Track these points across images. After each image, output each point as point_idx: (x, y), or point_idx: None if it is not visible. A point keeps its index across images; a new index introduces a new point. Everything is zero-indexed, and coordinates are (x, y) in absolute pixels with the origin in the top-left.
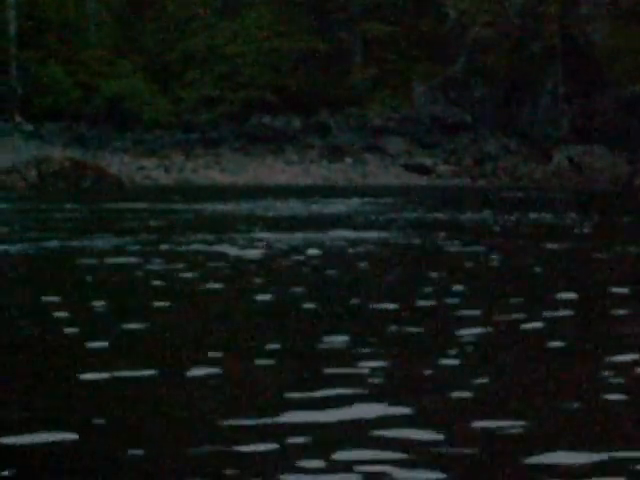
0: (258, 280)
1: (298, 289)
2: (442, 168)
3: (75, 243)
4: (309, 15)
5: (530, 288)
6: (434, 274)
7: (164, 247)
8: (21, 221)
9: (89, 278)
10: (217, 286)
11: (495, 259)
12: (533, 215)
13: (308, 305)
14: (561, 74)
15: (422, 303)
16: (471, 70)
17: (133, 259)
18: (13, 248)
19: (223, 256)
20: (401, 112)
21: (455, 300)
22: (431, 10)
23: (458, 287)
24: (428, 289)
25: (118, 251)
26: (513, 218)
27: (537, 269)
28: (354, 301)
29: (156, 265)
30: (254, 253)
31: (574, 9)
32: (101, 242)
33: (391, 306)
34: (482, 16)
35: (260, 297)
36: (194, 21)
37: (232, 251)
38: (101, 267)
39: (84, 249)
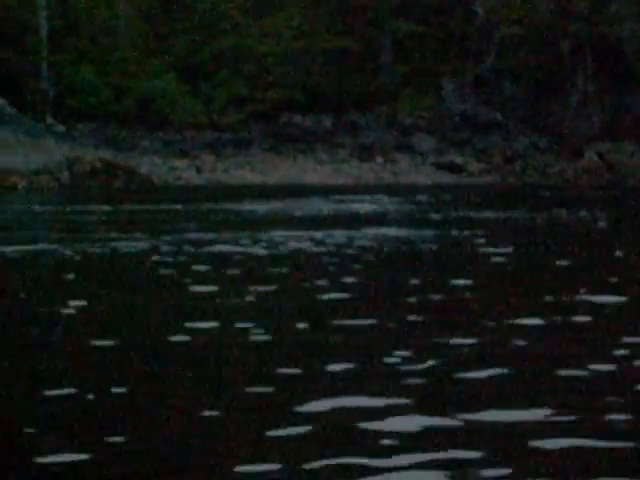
0: (322, 277)
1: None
2: (472, 166)
3: (114, 244)
4: (338, 14)
5: None
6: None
7: (209, 247)
8: (56, 222)
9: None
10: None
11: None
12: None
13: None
14: (591, 71)
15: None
16: (501, 68)
17: (183, 258)
18: (52, 250)
19: (264, 255)
20: (431, 110)
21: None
22: (460, 8)
23: None
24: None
25: (164, 252)
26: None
27: None
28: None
29: (203, 265)
30: (307, 249)
31: (603, 6)
32: (140, 243)
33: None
34: (511, 14)
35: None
36: (224, 21)
37: (278, 249)
38: (152, 267)
39: (123, 250)
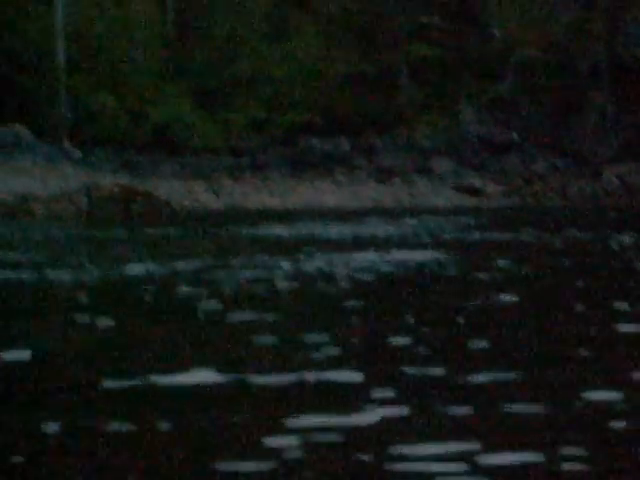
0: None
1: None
2: (491, 188)
3: (135, 268)
4: (355, 38)
5: None
6: None
7: (229, 270)
8: (76, 248)
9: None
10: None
11: None
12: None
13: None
14: (609, 92)
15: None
16: (518, 89)
17: (207, 282)
18: (77, 276)
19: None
20: (449, 133)
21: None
22: (477, 30)
23: None
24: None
25: (187, 277)
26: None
27: None
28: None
29: (228, 287)
30: (333, 272)
31: (621, 27)
32: (162, 268)
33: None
34: (528, 35)
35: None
36: (241, 45)
37: (304, 269)
38: (175, 294)
39: (146, 275)
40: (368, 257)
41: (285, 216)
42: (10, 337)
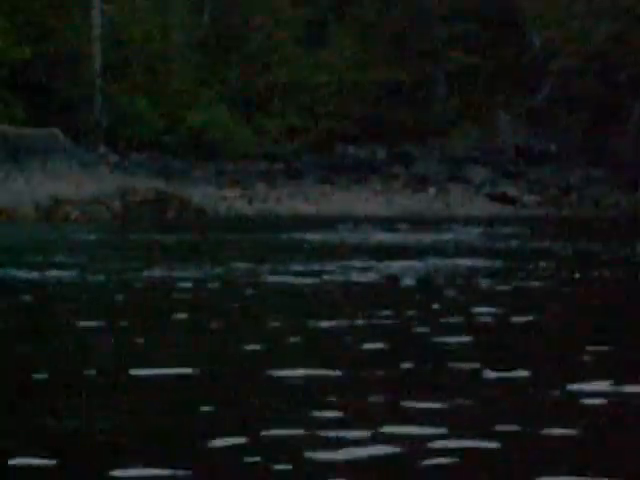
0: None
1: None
2: (526, 198)
3: (173, 274)
4: (391, 46)
5: None
6: None
7: (268, 277)
8: (112, 252)
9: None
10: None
11: None
12: None
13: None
14: None
15: None
16: (555, 99)
17: (249, 290)
18: (113, 279)
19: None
20: (485, 142)
21: None
22: (515, 39)
23: None
24: None
25: (232, 283)
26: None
27: None
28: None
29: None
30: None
31: None
32: (199, 272)
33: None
34: (567, 45)
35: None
36: (277, 52)
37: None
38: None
39: (182, 280)
40: (426, 264)
41: (320, 222)
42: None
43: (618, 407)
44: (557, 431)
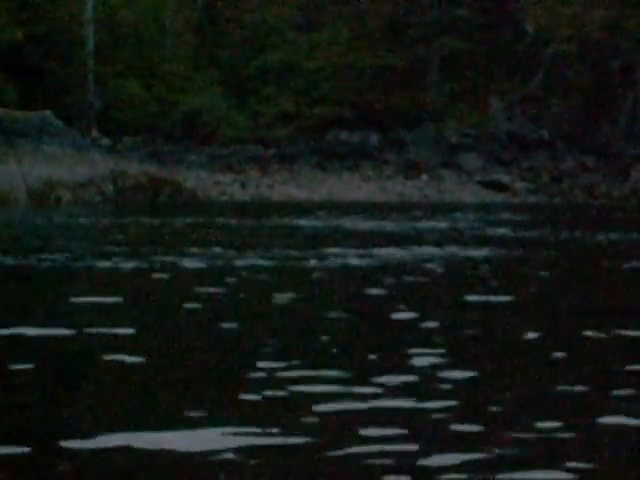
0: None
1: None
2: (518, 185)
3: (167, 259)
4: (386, 31)
5: None
6: None
7: (284, 262)
8: (102, 236)
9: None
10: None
11: None
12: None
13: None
14: None
15: None
16: (549, 86)
17: (264, 276)
18: (120, 264)
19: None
20: (478, 129)
21: None
22: (509, 26)
23: None
24: None
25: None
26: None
27: None
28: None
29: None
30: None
31: None
32: (203, 259)
33: None
34: (561, 32)
35: None
36: (272, 36)
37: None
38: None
39: (179, 266)
40: (430, 252)
41: (313, 208)
42: None
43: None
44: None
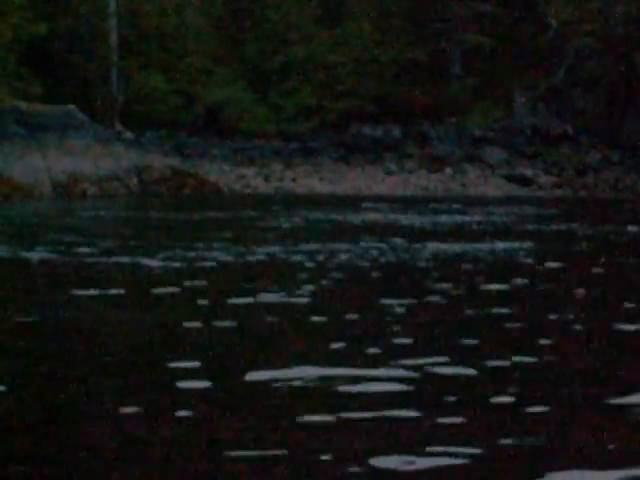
0: None
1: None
2: (543, 179)
3: (193, 254)
4: (408, 25)
5: None
6: None
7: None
8: (126, 229)
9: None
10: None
11: None
12: None
13: None
14: None
15: None
16: (573, 80)
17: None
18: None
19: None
20: (501, 122)
21: None
22: (532, 20)
23: None
24: None
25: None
26: None
27: None
28: None
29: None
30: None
31: None
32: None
33: None
34: (584, 26)
35: None
36: (294, 30)
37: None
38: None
39: (205, 260)
40: (461, 247)
41: (336, 201)
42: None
43: None
44: None
